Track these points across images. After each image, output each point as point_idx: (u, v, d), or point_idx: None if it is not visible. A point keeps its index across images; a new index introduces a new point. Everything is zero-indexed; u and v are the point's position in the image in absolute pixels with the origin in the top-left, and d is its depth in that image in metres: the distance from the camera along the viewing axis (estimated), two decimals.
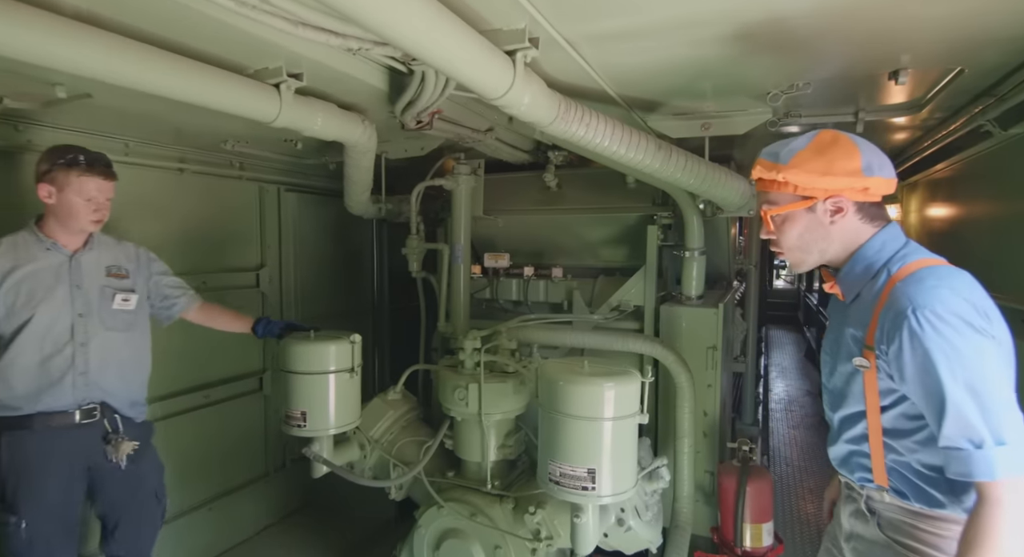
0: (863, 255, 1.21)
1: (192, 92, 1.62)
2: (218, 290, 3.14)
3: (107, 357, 1.99)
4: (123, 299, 2.05)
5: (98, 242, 2.04)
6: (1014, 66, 1.67)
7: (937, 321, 1.03)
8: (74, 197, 1.87)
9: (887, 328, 1.10)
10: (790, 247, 1.25)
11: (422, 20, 1.12)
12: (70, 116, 2.26)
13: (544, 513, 2.07)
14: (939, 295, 1.05)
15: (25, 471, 1.86)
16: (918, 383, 1.06)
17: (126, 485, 2.04)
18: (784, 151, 1.21)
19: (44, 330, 1.88)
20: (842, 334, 1.25)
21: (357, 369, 2.27)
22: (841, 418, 1.27)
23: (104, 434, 1.98)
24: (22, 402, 1.85)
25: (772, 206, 1.24)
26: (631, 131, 1.94)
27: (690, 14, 1.41)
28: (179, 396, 2.94)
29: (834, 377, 1.29)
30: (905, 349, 1.06)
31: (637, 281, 2.80)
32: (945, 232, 2.79)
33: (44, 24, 1.30)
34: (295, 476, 3.65)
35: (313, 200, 3.76)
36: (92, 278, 1.99)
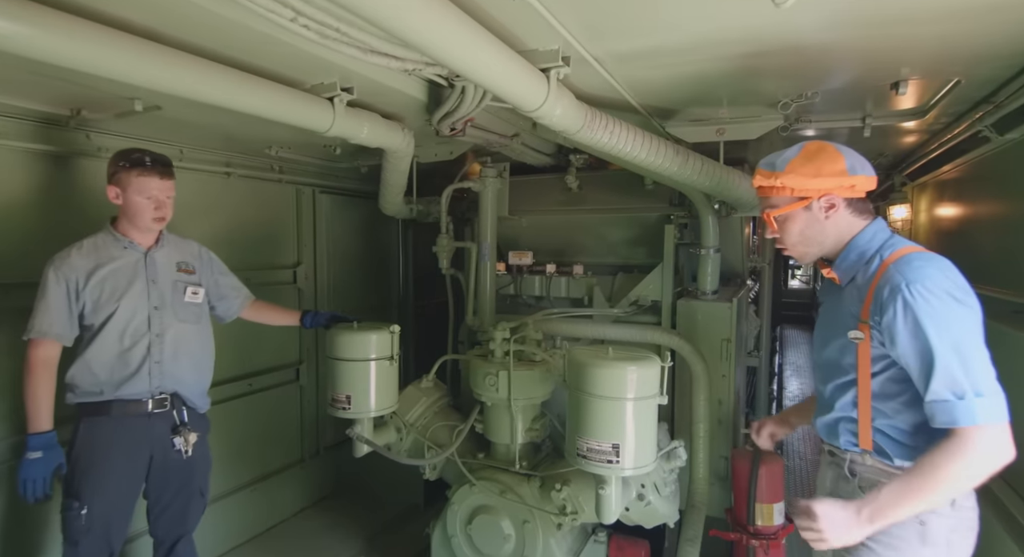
0: (856, 244, 1.39)
1: (259, 106, 1.82)
2: (259, 286, 3.33)
3: (179, 348, 2.11)
4: (193, 293, 2.18)
5: (167, 240, 2.18)
6: (1007, 77, 1.81)
7: (927, 293, 1.20)
8: (135, 196, 1.99)
9: (882, 301, 1.26)
10: (793, 243, 1.44)
11: (475, 47, 1.30)
12: (135, 125, 2.48)
13: (569, 490, 2.24)
14: (927, 273, 1.23)
15: (95, 457, 1.96)
16: (909, 346, 1.22)
17: (178, 475, 2.13)
18: (779, 160, 1.40)
19: (125, 322, 2.00)
20: (838, 312, 1.42)
21: (396, 357, 2.46)
22: (833, 387, 1.42)
23: (173, 425, 2.09)
24: (104, 388, 1.97)
25: (774, 208, 1.42)
26: (650, 137, 2.10)
27: (711, 36, 1.56)
28: (229, 383, 3.16)
29: (827, 350, 1.45)
30: (899, 317, 1.22)
31: (655, 277, 2.95)
32: (952, 231, 2.91)
33: (137, 49, 1.48)
34: (328, 463, 3.86)
35: (345, 201, 3.97)
36: (165, 273, 2.12)
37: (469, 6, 1.32)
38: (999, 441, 1.17)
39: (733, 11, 1.40)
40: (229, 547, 3.15)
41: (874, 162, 3.52)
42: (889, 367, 1.32)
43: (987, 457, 1.17)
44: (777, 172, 1.39)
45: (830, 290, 1.51)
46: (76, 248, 2.00)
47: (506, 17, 1.42)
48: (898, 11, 1.38)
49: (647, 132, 2.14)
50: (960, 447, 1.17)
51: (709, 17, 1.45)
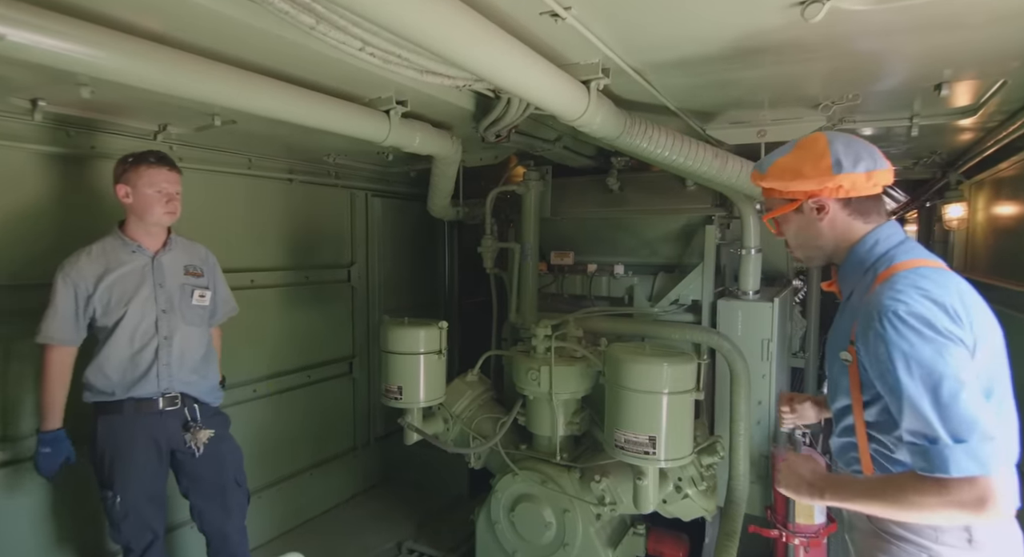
0: (856, 253, 1.28)
1: (324, 120, 2.00)
2: (317, 284, 3.61)
3: (186, 350, 2.14)
4: (200, 295, 2.20)
5: (175, 243, 2.18)
6: None
7: (898, 323, 1.08)
8: (146, 189, 2.00)
9: (862, 327, 1.16)
10: (794, 245, 1.37)
11: (521, 66, 1.42)
12: (211, 138, 2.73)
13: (608, 481, 2.33)
14: (904, 297, 1.10)
15: (118, 450, 2.03)
16: (881, 381, 1.12)
17: (205, 469, 2.18)
18: (766, 161, 1.33)
19: (134, 326, 2.04)
20: (839, 328, 1.31)
21: (444, 351, 2.61)
22: (836, 410, 1.33)
23: (184, 422, 2.13)
24: (116, 389, 2.03)
25: (768, 211, 1.37)
26: (689, 141, 2.17)
27: (748, 45, 1.62)
28: (289, 375, 3.41)
29: (832, 370, 1.33)
30: (871, 349, 1.12)
31: (696, 277, 2.99)
32: (1009, 229, 2.82)
33: (225, 76, 1.68)
34: (379, 453, 4.07)
35: (395, 204, 4.17)
36: (173, 277, 2.14)
37: (515, 27, 1.44)
38: (988, 494, 0.99)
39: (769, 23, 1.46)
40: (285, 529, 3.38)
41: (927, 159, 3.47)
42: (880, 397, 1.18)
43: (969, 509, 1.01)
44: (761, 173, 1.32)
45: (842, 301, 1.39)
46: (85, 254, 2.03)
47: (549, 35, 1.53)
48: (933, 19, 1.41)
49: (686, 136, 2.21)
50: (937, 491, 1.03)
51: (744, 29, 1.51)
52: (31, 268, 2.26)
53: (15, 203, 2.26)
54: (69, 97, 2.00)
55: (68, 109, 2.21)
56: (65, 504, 2.44)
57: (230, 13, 1.36)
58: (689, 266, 3.06)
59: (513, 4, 1.32)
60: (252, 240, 3.17)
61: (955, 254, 3.80)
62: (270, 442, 3.32)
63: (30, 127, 2.20)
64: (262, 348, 3.26)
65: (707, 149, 2.20)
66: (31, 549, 2.36)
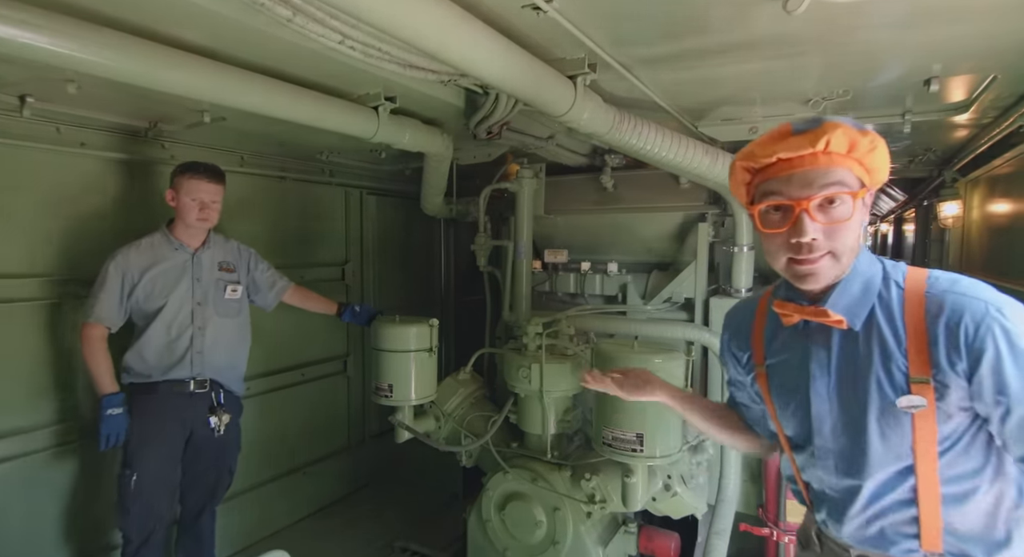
0: (860, 270, 1.02)
1: (311, 116, 1.99)
2: (311, 282, 3.58)
3: (218, 339, 2.36)
4: (232, 290, 2.43)
5: (212, 241, 2.41)
6: None
7: (1019, 317, 0.92)
8: (184, 197, 2.24)
9: (962, 341, 0.91)
10: (850, 245, 0.98)
11: (504, 59, 1.41)
12: (202, 135, 2.73)
13: (598, 479, 2.32)
14: (992, 291, 0.94)
15: (146, 430, 2.21)
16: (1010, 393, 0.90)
17: (211, 452, 2.39)
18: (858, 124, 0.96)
19: (172, 316, 2.26)
20: (854, 374, 1.02)
21: (435, 349, 2.61)
22: (875, 485, 1.02)
23: (210, 405, 2.34)
24: (153, 372, 2.24)
25: (841, 186, 0.95)
26: (679, 138, 2.16)
27: (737, 39, 1.61)
28: (283, 373, 3.41)
29: (847, 434, 1.03)
30: (1004, 355, 0.89)
31: (688, 275, 2.98)
32: (1003, 227, 2.81)
33: (209, 70, 1.68)
34: (373, 451, 4.07)
35: (390, 202, 4.17)
36: (209, 272, 2.37)
37: (497, 20, 1.43)
38: None
39: (754, 16, 1.45)
40: (278, 527, 3.39)
41: (923, 157, 3.46)
42: (964, 435, 0.97)
43: None
44: (874, 134, 0.95)
45: (803, 342, 1.08)
46: (135, 246, 2.26)
47: (533, 29, 1.52)
48: (917, 12, 1.40)
49: (677, 133, 2.20)
50: None
51: (729, 22, 1.50)
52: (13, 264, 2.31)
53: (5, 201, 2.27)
54: (56, 93, 2.00)
55: (57, 105, 2.21)
56: (63, 499, 2.47)
57: (215, 8, 1.35)
58: (682, 264, 3.05)
59: None
60: (245, 238, 3.13)
61: (951, 252, 3.78)
62: (263, 440, 3.32)
63: (20, 123, 2.20)
64: (256, 346, 3.24)
65: (697, 146, 2.19)
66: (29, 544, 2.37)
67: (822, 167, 0.95)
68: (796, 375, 1.08)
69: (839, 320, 1.00)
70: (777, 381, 1.13)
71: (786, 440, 1.15)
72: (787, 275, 1.03)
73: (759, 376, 1.16)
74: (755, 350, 1.17)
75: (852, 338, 1.02)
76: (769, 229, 1.00)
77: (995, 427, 0.95)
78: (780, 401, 1.13)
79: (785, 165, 0.97)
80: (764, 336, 1.16)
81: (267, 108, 1.88)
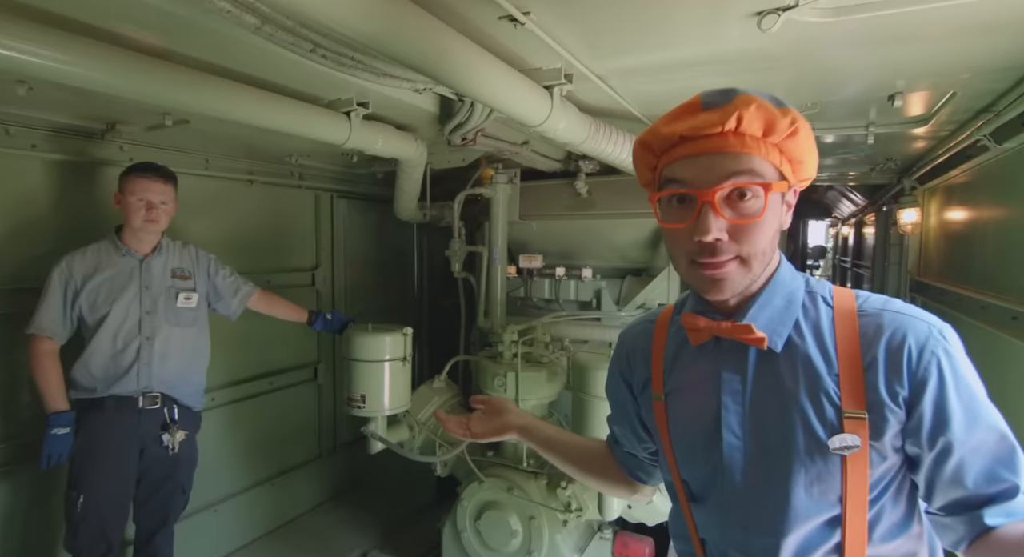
0: (781, 280, 0.85)
1: (280, 122, 1.94)
2: (279, 288, 3.47)
3: (170, 350, 2.23)
4: (186, 297, 2.30)
5: (166, 247, 2.29)
6: (1003, 90, 1.84)
7: (959, 344, 0.79)
8: (128, 197, 2.12)
9: (905, 365, 0.76)
10: (762, 247, 0.80)
11: (479, 71, 1.39)
12: (164, 137, 2.62)
13: (574, 487, 2.32)
14: (925, 314, 0.81)
15: (91, 449, 2.09)
16: (973, 427, 0.76)
17: (163, 470, 2.25)
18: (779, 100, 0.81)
19: (117, 326, 2.14)
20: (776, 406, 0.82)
21: (409, 358, 2.57)
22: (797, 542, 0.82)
23: (163, 422, 2.21)
24: (98, 385, 2.11)
25: (752, 176, 0.78)
26: None
27: (709, 54, 1.63)
28: (249, 382, 3.31)
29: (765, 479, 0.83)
30: (949, 386, 0.75)
31: (662, 281, 3.02)
32: (958, 234, 2.92)
33: (168, 75, 1.61)
34: (345, 459, 3.99)
35: (362, 206, 4.09)
36: (160, 280, 2.25)
37: (473, 31, 1.41)
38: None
39: (728, 32, 1.46)
40: (248, 540, 3.29)
41: (883, 166, 3.58)
42: (893, 481, 0.81)
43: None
44: (795, 112, 0.79)
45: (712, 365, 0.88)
46: (80, 253, 2.15)
47: (510, 40, 1.50)
48: (887, 32, 1.44)
49: None
50: None
51: (705, 37, 1.51)
52: None
53: None
54: (5, 94, 1.89)
55: (6, 107, 2.10)
56: (17, 518, 2.34)
57: (179, 12, 1.30)
58: (656, 270, 3.08)
59: (470, 7, 1.29)
60: (209, 243, 3.02)
61: (909, 258, 3.93)
62: (230, 452, 3.21)
63: None
64: (221, 354, 3.14)
65: None
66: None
67: (732, 151, 0.78)
68: (702, 406, 0.88)
69: (761, 338, 0.81)
70: (678, 413, 0.91)
71: (682, 487, 0.92)
72: (690, 282, 0.85)
73: (656, 406, 0.94)
74: (654, 374, 0.95)
75: (772, 361, 0.83)
76: (669, 224, 0.83)
77: (925, 471, 0.79)
78: (680, 438, 0.91)
79: (690, 147, 0.80)
80: (664, 357, 0.94)
81: (233, 114, 1.81)
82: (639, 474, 1.10)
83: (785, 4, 1.24)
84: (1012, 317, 1.93)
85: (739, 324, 0.83)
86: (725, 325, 0.84)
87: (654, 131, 0.84)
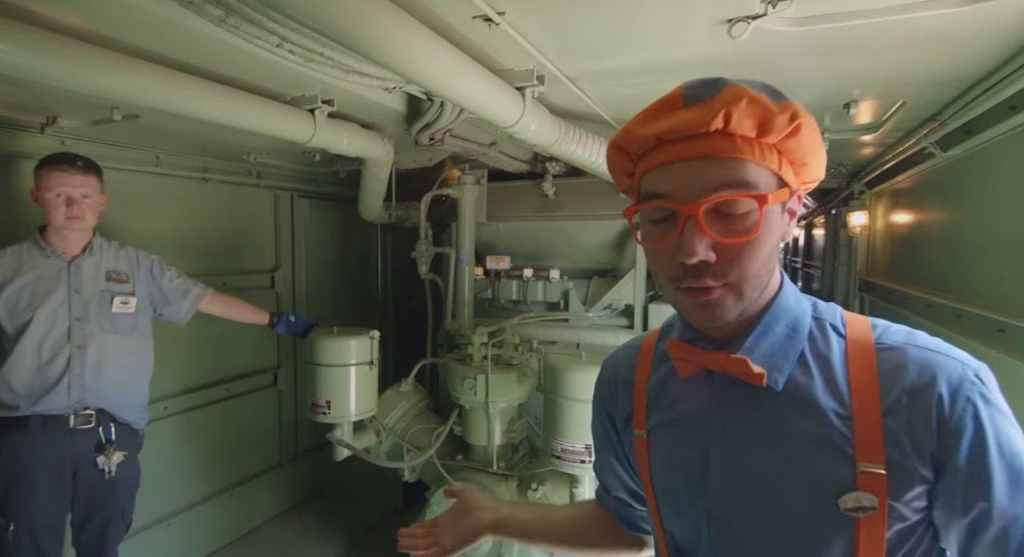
0: (784, 305, 0.73)
1: (241, 119, 1.85)
2: (237, 290, 3.34)
3: (104, 361, 2.01)
4: (122, 302, 2.08)
5: (99, 248, 2.08)
6: (949, 100, 1.96)
7: (996, 388, 0.66)
8: (45, 193, 1.91)
9: (935, 414, 0.64)
10: (755, 270, 0.68)
11: (454, 71, 1.37)
12: (110, 132, 2.47)
13: (545, 489, 2.32)
14: (961, 354, 0.68)
15: (17, 473, 1.90)
16: (1018, 490, 0.63)
17: (99, 495, 2.04)
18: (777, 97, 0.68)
19: (42, 334, 1.93)
20: (778, 454, 0.70)
21: (376, 362, 2.51)
22: None
23: (98, 442, 1.99)
24: (21, 402, 1.90)
25: (746, 188, 0.66)
26: None
27: (676, 59, 1.66)
28: (205, 389, 3.16)
29: (764, 538, 0.72)
30: (990, 442, 0.63)
31: (628, 282, 3.05)
32: (903, 236, 3.09)
33: (118, 66, 1.51)
34: (307, 466, 3.88)
35: (323, 205, 3.98)
36: (91, 283, 2.03)
37: (447, 30, 1.39)
38: None
39: (697, 38, 1.49)
40: (205, 553, 3.15)
41: (834, 170, 3.74)
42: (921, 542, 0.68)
43: None
44: (796, 106, 0.67)
45: (703, 402, 0.76)
46: (0, 255, 1.95)
47: (483, 40, 1.49)
48: (846, 42, 1.50)
49: None
50: None
51: (674, 43, 1.54)
52: None
53: None
54: None
55: None
56: None
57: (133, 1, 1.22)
58: (622, 271, 3.12)
59: (445, 6, 1.27)
60: (161, 244, 2.89)
61: (858, 258, 4.12)
62: (185, 462, 3.07)
63: None
64: (173, 361, 3.00)
65: None
66: None
67: (721, 157, 0.65)
68: (688, 448, 0.76)
69: (760, 374, 0.69)
70: (662, 454, 0.80)
71: (665, 543, 0.82)
72: (675, 307, 0.74)
73: (637, 444, 0.82)
74: (635, 407, 0.83)
75: (773, 401, 0.71)
76: (648, 243, 0.71)
77: (958, 541, 0.67)
78: (663, 483, 0.80)
79: (670, 151, 0.67)
80: (648, 390, 0.83)
81: (190, 109, 1.72)
82: (642, 525, 0.97)
83: (755, 12, 1.27)
84: (956, 315, 2.04)
85: (733, 357, 0.70)
86: (718, 357, 0.72)
87: (627, 132, 0.71)
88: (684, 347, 0.75)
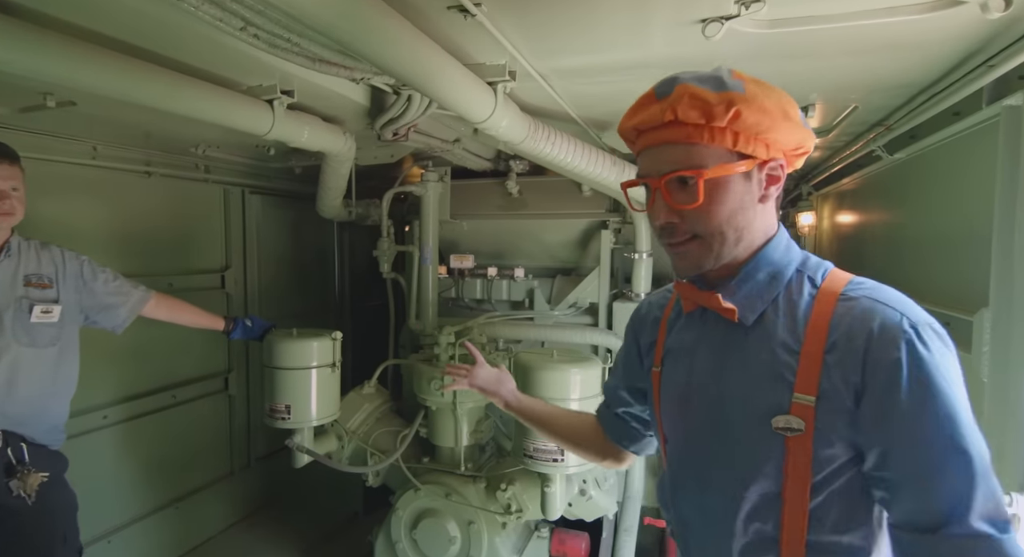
0: (768, 256, 0.86)
1: (195, 109, 1.74)
2: (184, 291, 3.16)
3: (17, 376, 1.78)
4: (43, 311, 1.84)
5: (16, 248, 1.85)
6: (897, 105, 2.06)
7: (942, 346, 0.73)
8: None
9: (862, 349, 0.74)
10: (717, 228, 0.82)
11: (429, 62, 1.32)
12: (40, 120, 2.27)
13: (515, 489, 2.30)
14: (921, 311, 0.76)
15: None
16: (924, 436, 0.71)
17: (29, 523, 1.80)
18: (726, 78, 0.81)
19: None
20: (739, 376, 0.85)
21: (338, 364, 2.42)
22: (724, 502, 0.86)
23: (7, 466, 1.75)
24: None
25: (694, 167, 0.80)
26: (589, 149, 2.20)
27: (642, 58, 1.67)
28: (148, 396, 2.97)
29: (714, 441, 0.88)
30: (903, 384, 0.71)
31: (592, 280, 3.07)
32: (848, 236, 3.25)
33: (57, 47, 1.39)
34: (261, 474, 3.71)
35: (277, 202, 3.82)
36: (8, 289, 1.80)
37: (419, 19, 1.34)
38: None
39: (663, 38, 1.51)
40: None
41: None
42: (845, 472, 0.79)
43: None
44: (735, 93, 0.78)
45: (703, 328, 0.93)
46: None
47: (456, 32, 1.45)
48: (807, 46, 1.54)
49: (586, 143, 2.24)
50: None
51: (640, 42, 1.55)
52: None
53: None
54: None
55: None
56: None
57: None
58: (586, 269, 3.14)
59: None
60: (99, 243, 2.70)
61: None
62: (126, 475, 2.88)
63: None
64: (112, 368, 2.80)
65: (606, 156, 2.25)
66: None
67: (680, 142, 0.81)
68: (683, 370, 0.94)
69: (730, 309, 0.84)
70: (668, 373, 0.97)
71: (666, 451, 0.99)
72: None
73: (654, 376, 1.00)
74: (659, 336, 1.02)
75: (745, 333, 0.85)
76: (637, 208, 0.95)
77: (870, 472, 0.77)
78: (666, 401, 0.97)
79: (646, 138, 0.85)
80: (668, 321, 1.01)
81: (135, 95, 1.60)
82: (625, 442, 1.18)
83: (729, 13, 1.29)
84: None
85: (710, 293, 0.87)
86: (703, 294, 0.89)
87: (620, 124, 0.90)
88: (686, 286, 0.94)
